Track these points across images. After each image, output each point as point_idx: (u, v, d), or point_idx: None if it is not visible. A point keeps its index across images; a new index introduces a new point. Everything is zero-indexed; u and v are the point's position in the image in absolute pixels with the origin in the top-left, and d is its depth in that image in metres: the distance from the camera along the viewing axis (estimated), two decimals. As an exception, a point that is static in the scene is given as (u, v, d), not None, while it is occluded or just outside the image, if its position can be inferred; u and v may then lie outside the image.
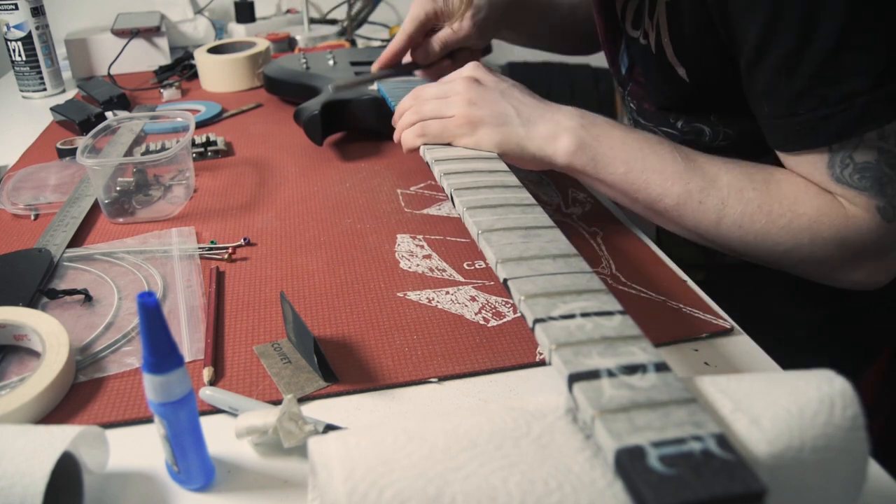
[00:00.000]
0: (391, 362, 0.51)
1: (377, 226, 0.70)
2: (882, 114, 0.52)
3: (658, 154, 0.59)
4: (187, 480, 0.41)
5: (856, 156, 0.54)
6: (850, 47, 0.51)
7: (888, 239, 0.56)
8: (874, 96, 0.52)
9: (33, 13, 1.13)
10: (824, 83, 0.53)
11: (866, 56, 0.51)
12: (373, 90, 0.88)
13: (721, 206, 0.57)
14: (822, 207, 0.56)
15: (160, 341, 0.36)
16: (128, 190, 0.76)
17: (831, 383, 0.33)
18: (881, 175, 0.54)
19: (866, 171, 0.54)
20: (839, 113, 0.53)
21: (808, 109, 0.54)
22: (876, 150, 0.54)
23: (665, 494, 0.27)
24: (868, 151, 0.54)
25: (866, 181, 0.54)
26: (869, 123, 0.52)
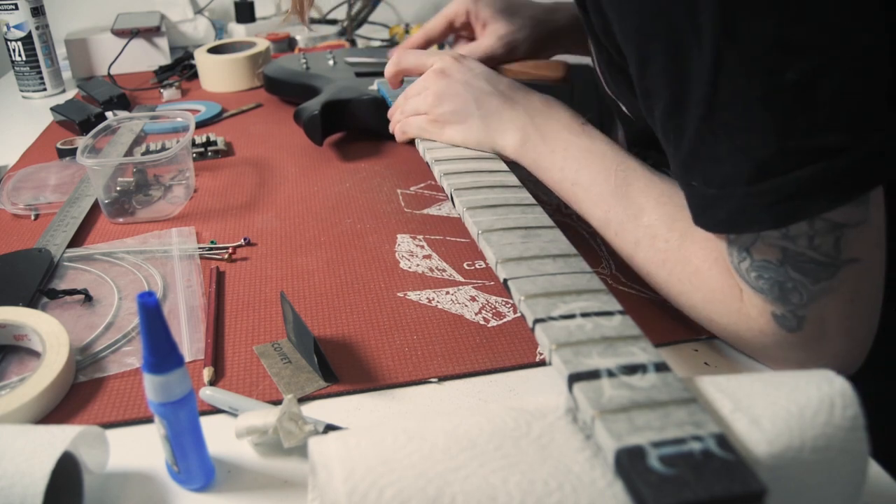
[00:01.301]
0: (391, 362, 0.51)
1: (377, 226, 0.70)
2: (763, 216, 0.41)
3: (592, 170, 0.54)
4: (187, 480, 0.41)
5: (753, 251, 0.44)
6: (724, 119, 0.40)
7: (793, 348, 0.45)
8: (753, 189, 0.40)
9: (33, 13, 1.13)
10: (706, 156, 0.42)
11: (743, 135, 0.40)
12: (372, 90, 0.88)
13: (633, 245, 0.52)
14: (717, 291, 0.47)
15: (160, 341, 0.36)
16: (128, 190, 0.76)
17: (831, 383, 0.33)
18: (784, 279, 0.43)
19: (765, 272, 0.44)
20: (721, 199, 0.42)
21: (698, 184, 0.44)
22: (778, 249, 0.42)
23: (665, 494, 0.27)
24: (768, 249, 0.43)
25: (764, 283, 0.44)
26: (750, 223, 0.42)
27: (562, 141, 0.57)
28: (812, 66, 0.38)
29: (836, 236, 0.41)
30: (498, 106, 0.61)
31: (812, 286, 0.42)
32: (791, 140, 0.39)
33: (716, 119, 0.41)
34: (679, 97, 0.42)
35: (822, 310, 0.43)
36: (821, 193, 0.39)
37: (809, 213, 0.40)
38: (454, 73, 0.65)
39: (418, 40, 0.77)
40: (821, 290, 0.43)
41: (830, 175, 0.39)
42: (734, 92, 0.39)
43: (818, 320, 0.44)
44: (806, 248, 0.42)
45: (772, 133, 0.39)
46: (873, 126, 0.39)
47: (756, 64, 0.38)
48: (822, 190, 0.39)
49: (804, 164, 0.39)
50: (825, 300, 0.43)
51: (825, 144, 0.39)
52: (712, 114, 0.41)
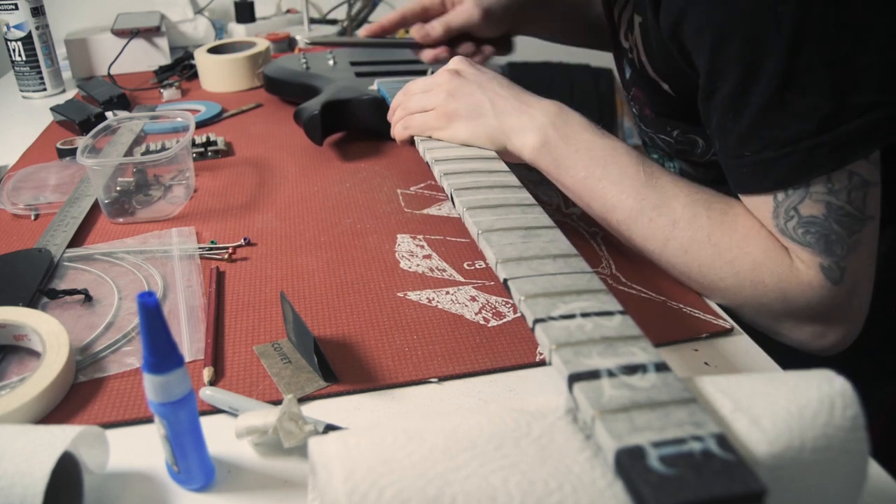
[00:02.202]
0: (391, 362, 0.51)
1: (377, 226, 0.70)
2: (826, 161, 0.49)
3: (621, 164, 0.57)
4: (187, 480, 0.41)
5: (801, 208, 0.51)
6: (794, 89, 0.49)
7: (833, 303, 0.52)
8: (819, 140, 0.49)
9: (33, 13, 1.13)
10: (768, 125, 0.50)
11: (811, 98, 0.49)
12: (372, 90, 0.88)
13: (671, 227, 0.55)
14: (769, 251, 0.53)
15: (160, 341, 0.36)
16: (128, 190, 0.76)
17: (831, 383, 0.33)
18: (829, 232, 0.51)
19: (811, 226, 0.51)
20: (783, 157, 0.50)
21: (753, 152, 0.51)
22: (823, 204, 0.50)
23: (665, 494, 0.27)
24: (814, 205, 0.51)
25: (811, 237, 0.51)
26: (814, 170, 0.50)
27: (585, 141, 0.59)
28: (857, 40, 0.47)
29: (864, 192, 0.50)
30: (514, 108, 0.62)
31: (848, 238, 0.50)
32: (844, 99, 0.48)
33: (788, 89, 0.49)
34: (751, 75, 0.49)
35: (857, 263, 0.51)
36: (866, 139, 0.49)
37: (856, 157, 0.49)
38: (468, 75, 0.66)
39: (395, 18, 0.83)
40: (854, 242, 0.51)
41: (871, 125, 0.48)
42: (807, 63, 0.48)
43: (854, 272, 0.51)
44: (845, 202, 0.50)
45: (830, 95, 0.48)
46: None
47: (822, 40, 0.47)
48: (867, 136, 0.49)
49: (851, 119, 0.48)
50: (857, 253, 0.51)
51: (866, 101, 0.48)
52: (786, 85, 0.48)
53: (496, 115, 0.62)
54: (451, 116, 0.64)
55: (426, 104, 0.66)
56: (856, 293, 0.53)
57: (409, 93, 0.69)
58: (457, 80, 0.65)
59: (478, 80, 0.65)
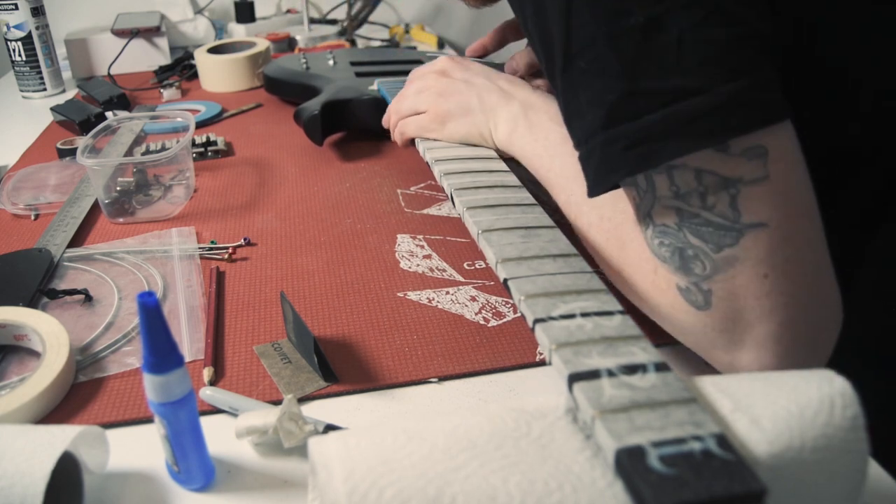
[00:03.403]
0: (391, 362, 0.51)
1: (377, 226, 0.70)
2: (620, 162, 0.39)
3: (563, 156, 0.55)
4: (187, 480, 0.41)
5: (654, 215, 0.41)
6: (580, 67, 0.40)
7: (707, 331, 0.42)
8: (609, 135, 0.39)
9: (33, 13, 1.13)
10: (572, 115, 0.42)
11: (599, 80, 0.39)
12: (373, 90, 0.88)
13: (587, 227, 0.51)
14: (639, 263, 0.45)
15: (160, 341, 0.36)
16: (128, 190, 0.76)
17: (831, 383, 0.33)
18: (684, 245, 0.40)
19: (665, 237, 0.41)
20: (587, 157, 0.42)
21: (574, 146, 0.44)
22: (674, 210, 0.40)
23: (665, 494, 0.27)
24: (665, 211, 0.40)
25: (665, 250, 0.41)
26: (610, 174, 0.41)
27: (544, 130, 0.58)
28: (656, 12, 0.37)
29: (731, 194, 0.38)
30: (497, 101, 0.63)
31: (714, 254, 0.39)
32: (640, 82, 0.38)
33: (573, 69, 0.40)
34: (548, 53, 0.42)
35: (730, 284, 0.39)
36: (675, 136, 0.37)
37: (663, 157, 0.38)
38: (454, 73, 0.67)
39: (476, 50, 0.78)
40: (724, 259, 0.39)
41: (685, 117, 0.37)
42: (584, 36, 0.39)
43: (727, 298, 0.40)
44: (700, 208, 0.39)
45: (621, 75, 0.38)
46: (732, 75, 0.37)
47: (600, 8, 0.38)
48: (675, 132, 0.37)
49: (656, 108, 0.37)
50: (731, 273, 0.39)
51: (677, 86, 0.37)
52: (569, 64, 0.40)
53: (483, 111, 0.63)
54: (443, 117, 0.65)
55: (418, 106, 0.67)
56: (747, 321, 0.40)
57: (403, 96, 0.70)
58: (444, 80, 0.66)
59: (465, 77, 0.66)
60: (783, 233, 0.38)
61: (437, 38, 1.41)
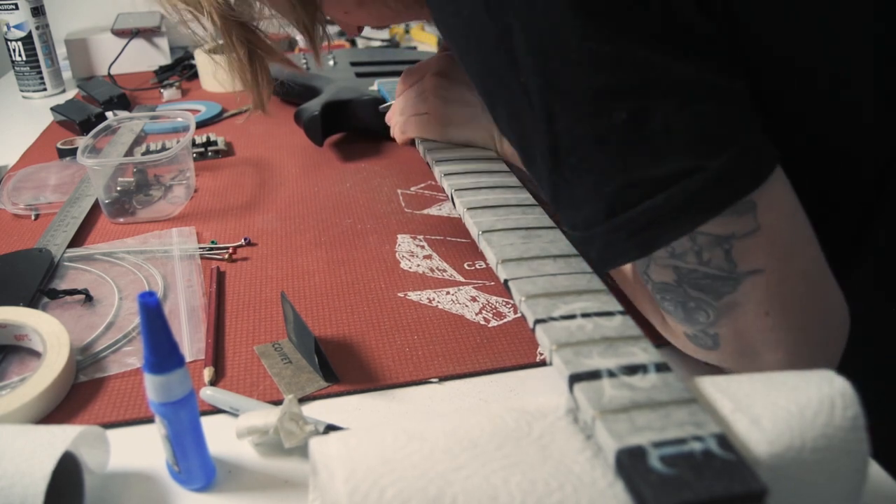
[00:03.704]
0: (392, 362, 0.51)
1: (377, 226, 0.70)
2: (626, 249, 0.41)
3: None
4: (188, 480, 0.41)
5: (651, 275, 0.43)
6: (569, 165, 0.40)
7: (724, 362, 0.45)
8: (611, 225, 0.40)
9: (33, 13, 1.13)
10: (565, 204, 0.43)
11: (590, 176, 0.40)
12: (373, 90, 0.88)
13: None
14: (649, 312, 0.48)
15: (161, 341, 0.36)
16: (128, 190, 0.76)
17: (831, 383, 0.33)
18: (685, 299, 0.42)
19: (666, 293, 0.43)
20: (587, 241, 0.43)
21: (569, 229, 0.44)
22: (671, 269, 0.42)
23: (666, 494, 0.27)
24: (662, 270, 0.42)
25: (668, 304, 0.44)
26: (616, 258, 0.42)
27: None
28: (637, 106, 0.38)
29: (725, 249, 0.40)
30: None
31: (715, 302, 0.41)
32: (634, 173, 0.39)
33: (561, 166, 0.41)
34: (527, 151, 0.43)
35: (735, 326, 0.42)
36: (677, 216, 0.39)
37: (670, 237, 0.40)
38: (455, 75, 0.66)
39: None
40: (726, 305, 0.41)
41: (683, 198, 0.38)
42: (571, 139, 0.40)
43: (735, 337, 0.42)
44: (697, 265, 0.41)
45: (615, 170, 0.39)
46: (719, 145, 0.38)
47: (583, 110, 0.39)
48: (678, 213, 0.39)
49: (654, 193, 0.39)
50: (735, 315, 0.41)
51: (671, 171, 0.38)
52: (557, 163, 0.41)
53: (488, 118, 0.62)
54: (444, 120, 0.65)
55: (419, 107, 0.67)
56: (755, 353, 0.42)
57: (404, 97, 0.70)
58: (445, 81, 0.66)
59: (465, 79, 0.65)
60: (779, 274, 0.40)
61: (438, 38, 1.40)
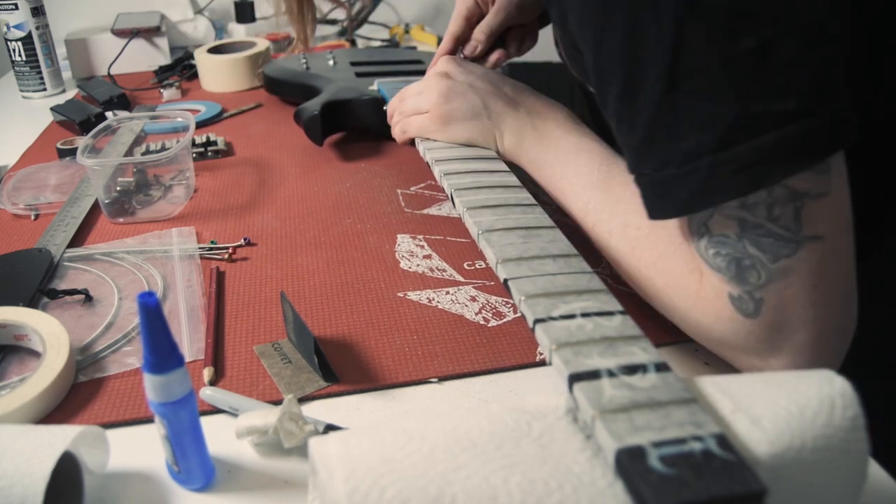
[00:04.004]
0: (391, 362, 0.51)
1: (377, 226, 0.70)
2: (731, 184, 0.40)
3: (579, 164, 0.55)
4: (188, 480, 0.41)
5: (712, 225, 0.42)
6: (686, 92, 0.40)
7: (750, 338, 0.43)
8: (721, 157, 0.39)
9: (33, 13, 1.13)
10: (665, 137, 0.41)
11: (708, 104, 0.39)
12: (373, 90, 0.88)
13: (608, 236, 0.51)
14: (679, 275, 0.46)
15: (161, 341, 0.36)
16: (128, 190, 0.76)
17: (831, 383, 0.33)
18: (742, 255, 0.41)
19: (723, 248, 0.42)
20: (684, 176, 0.41)
21: (653, 169, 0.43)
22: (736, 221, 0.41)
23: (665, 494, 0.27)
24: (725, 221, 0.41)
25: (721, 260, 0.42)
26: (717, 194, 0.41)
27: (554, 139, 0.59)
28: (768, 35, 0.38)
29: (797, 207, 0.40)
30: (503, 107, 0.63)
31: (771, 264, 0.40)
32: (752, 105, 0.39)
33: (678, 92, 0.40)
34: (636, 76, 0.42)
35: (782, 294, 0.41)
36: (786, 157, 0.39)
37: (775, 178, 0.39)
38: (457, 75, 0.67)
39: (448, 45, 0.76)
40: (780, 269, 0.40)
41: (794, 139, 0.38)
42: (696, 61, 0.39)
43: (777, 306, 0.41)
44: (765, 220, 0.40)
45: (733, 99, 0.39)
46: (831, 95, 0.39)
47: (715, 32, 0.38)
48: (786, 153, 0.39)
49: (768, 130, 0.38)
50: (785, 282, 0.41)
51: (786, 109, 0.38)
52: (674, 87, 0.40)
53: (489, 116, 0.63)
54: (445, 119, 0.65)
55: (420, 107, 0.67)
56: (791, 328, 0.42)
57: (404, 96, 0.70)
58: (447, 81, 0.66)
59: (467, 79, 0.66)
60: (835, 245, 0.41)
61: (437, 38, 1.41)
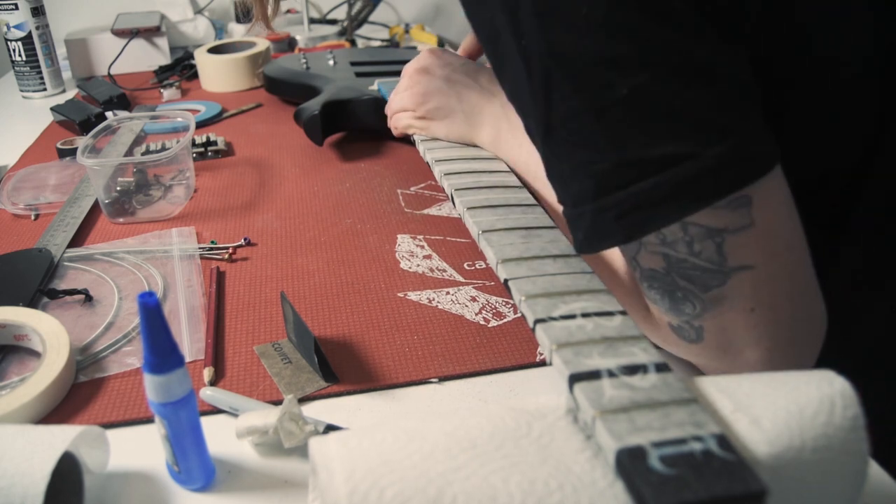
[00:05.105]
0: (391, 362, 0.51)
1: (377, 226, 0.70)
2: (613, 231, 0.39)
3: None
4: (188, 480, 0.41)
5: (640, 260, 0.42)
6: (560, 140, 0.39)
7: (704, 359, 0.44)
8: (599, 205, 0.39)
9: (33, 13, 1.13)
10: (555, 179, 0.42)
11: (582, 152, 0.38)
12: (373, 90, 0.88)
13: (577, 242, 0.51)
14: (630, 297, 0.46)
15: (161, 341, 0.36)
16: (128, 190, 0.76)
17: (831, 383, 0.33)
18: (673, 288, 0.41)
19: (654, 282, 0.42)
20: (576, 219, 0.41)
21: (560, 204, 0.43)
22: (661, 256, 0.40)
23: (666, 495, 0.27)
24: (652, 257, 0.41)
25: (654, 293, 0.42)
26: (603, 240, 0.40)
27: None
28: (641, 81, 0.36)
29: (717, 242, 0.39)
30: (478, 100, 0.63)
31: (702, 294, 0.40)
32: (628, 152, 0.37)
33: (554, 139, 0.40)
34: (526, 120, 0.42)
35: (720, 320, 0.41)
36: (668, 202, 0.37)
37: (659, 223, 0.38)
38: (435, 70, 0.67)
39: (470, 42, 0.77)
40: (713, 299, 0.40)
41: (676, 183, 0.37)
42: (566, 110, 0.38)
43: (718, 331, 0.41)
44: (687, 255, 0.39)
45: (608, 147, 0.38)
46: (721, 134, 0.36)
47: (583, 80, 0.37)
48: (669, 199, 0.37)
49: (647, 176, 0.37)
50: (720, 310, 0.40)
51: (666, 154, 0.37)
52: (550, 134, 0.40)
53: (463, 111, 0.64)
54: (426, 117, 0.67)
55: (405, 104, 0.69)
56: (737, 349, 0.42)
57: (395, 92, 0.72)
58: (425, 77, 0.67)
59: (444, 74, 0.66)
60: (768, 270, 0.39)
61: (437, 38, 1.41)
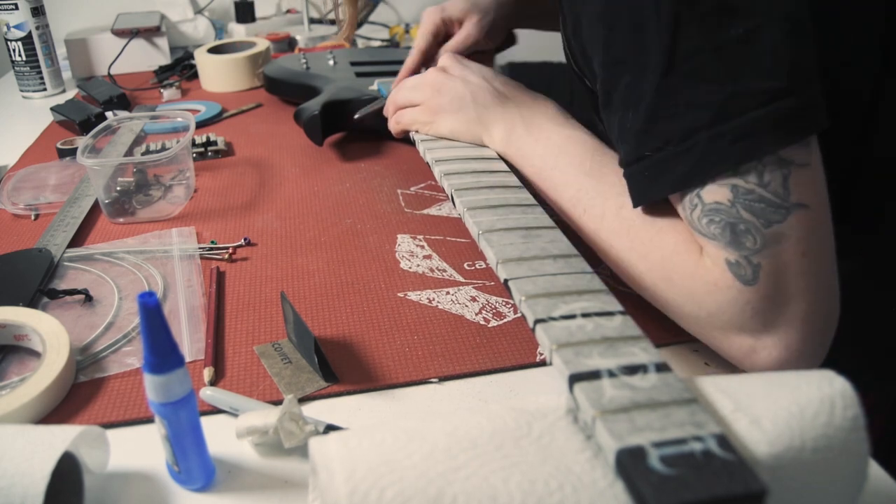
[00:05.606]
0: (392, 362, 0.51)
1: (377, 226, 0.70)
2: (727, 155, 0.43)
3: (571, 154, 0.56)
4: (188, 480, 0.41)
5: (704, 195, 0.45)
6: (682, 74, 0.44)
7: (748, 308, 0.44)
8: (716, 131, 0.43)
9: (33, 13, 1.13)
10: (664, 118, 0.45)
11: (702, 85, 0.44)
12: (373, 90, 0.88)
13: (600, 219, 0.53)
14: (679, 245, 0.48)
15: (161, 341, 0.36)
16: (128, 190, 0.76)
17: (832, 383, 0.33)
18: (736, 220, 0.44)
19: (716, 215, 0.44)
20: (682, 153, 0.45)
21: (653, 150, 0.46)
22: (728, 187, 0.44)
23: (666, 495, 0.27)
24: (718, 189, 0.44)
25: (715, 226, 0.44)
26: (715, 165, 0.44)
27: (545, 131, 0.60)
28: (751, 25, 0.43)
29: (784, 174, 0.43)
30: (491, 101, 0.64)
31: (764, 228, 0.43)
32: (741, 85, 0.43)
33: (675, 73, 0.44)
34: (640, 64, 0.46)
35: (777, 261, 0.43)
36: (775, 130, 0.43)
37: (768, 149, 0.43)
38: (454, 70, 0.68)
39: (415, 61, 0.79)
40: (773, 235, 0.43)
41: (782, 114, 0.43)
42: (690, 47, 0.44)
43: (773, 273, 0.43)
44: (756, 185, 0.43)
45: (725, 80, 0.43)
46: (809, 78, 0.43)
47: (706, 22, 0.43)
48: (775, 127, 0.43)
49: (756, 106, 0.43)
50: (779, 249, 0.43)
51: (771, 87, 0.43)
52: (672, 68, 0.44)
53: (475, 108, 0.64)
54: (435, 111, 0.67)
55: (413, 99, 0.69)
56: (784, 299, 0.44)
57: (400, 88, 0.72)
58: (442, 76, 0.68)
59: (462, 74, 0.67)
60: (819, 216, 0.44)
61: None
